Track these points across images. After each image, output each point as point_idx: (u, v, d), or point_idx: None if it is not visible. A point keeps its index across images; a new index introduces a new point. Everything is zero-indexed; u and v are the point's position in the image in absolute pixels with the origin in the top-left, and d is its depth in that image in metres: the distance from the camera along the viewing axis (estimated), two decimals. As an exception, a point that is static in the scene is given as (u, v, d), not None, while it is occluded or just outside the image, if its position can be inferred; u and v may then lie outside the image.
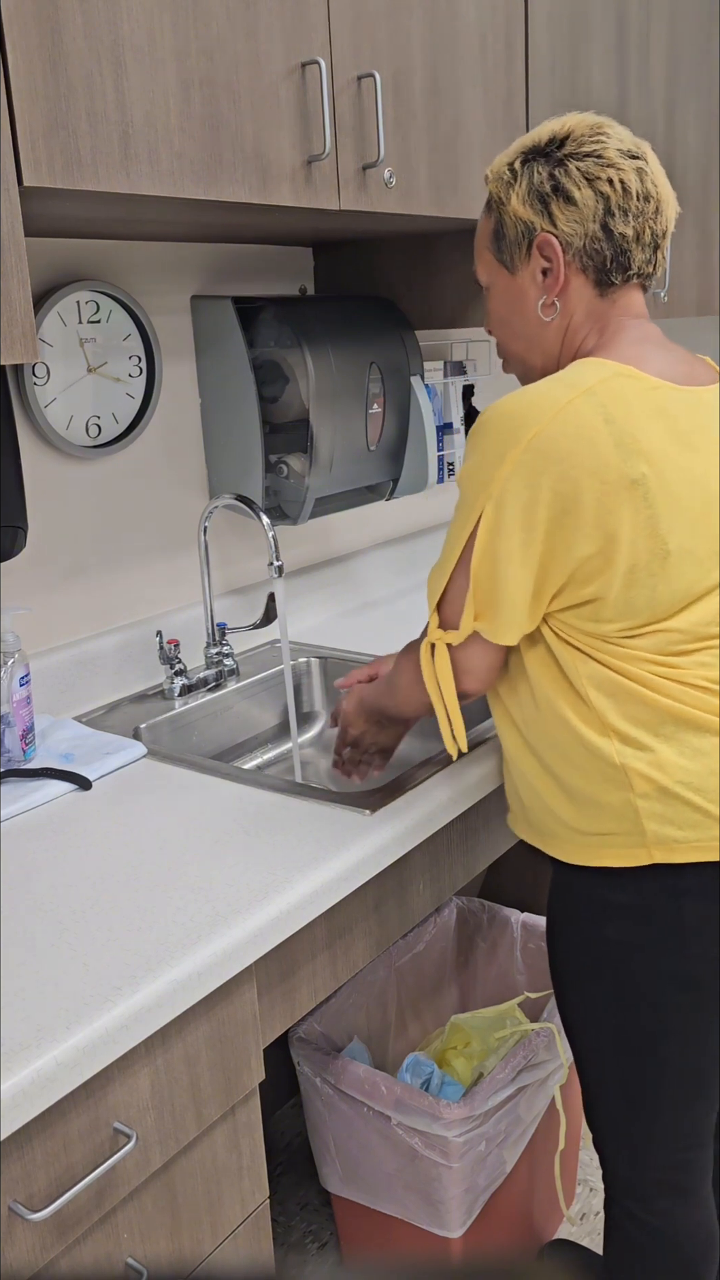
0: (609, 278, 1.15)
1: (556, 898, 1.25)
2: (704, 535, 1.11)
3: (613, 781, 1.14)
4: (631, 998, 1.19)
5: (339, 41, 1.40)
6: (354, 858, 1.17)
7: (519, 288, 1.19)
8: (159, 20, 1.17)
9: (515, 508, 1.07)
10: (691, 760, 1.12)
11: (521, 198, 1.14)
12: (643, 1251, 1.32)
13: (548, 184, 1.13)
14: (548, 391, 1.07)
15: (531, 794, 1.24)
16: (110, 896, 1.10)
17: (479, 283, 1.25)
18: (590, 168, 1.12)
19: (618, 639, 1.12)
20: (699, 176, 2.39)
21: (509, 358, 1.26)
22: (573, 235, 1.13)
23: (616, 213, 1.12)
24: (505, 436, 1.07)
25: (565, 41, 1.86)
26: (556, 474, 1.05)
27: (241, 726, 1.78)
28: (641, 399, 1.08)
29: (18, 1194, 0.89)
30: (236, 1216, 1.13)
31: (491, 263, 1.21)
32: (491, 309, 1.25)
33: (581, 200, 1.12)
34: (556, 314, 1.18)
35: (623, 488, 1.05)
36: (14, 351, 1.07)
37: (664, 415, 1.09)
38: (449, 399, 2.28)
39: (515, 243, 1.17)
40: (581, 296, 1.16)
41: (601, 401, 1.06)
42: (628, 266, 1.15)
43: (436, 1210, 1.51)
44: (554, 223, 1.13)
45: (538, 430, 1.05)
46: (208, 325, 1.77)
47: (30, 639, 1.62)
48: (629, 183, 1.12)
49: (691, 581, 1.11)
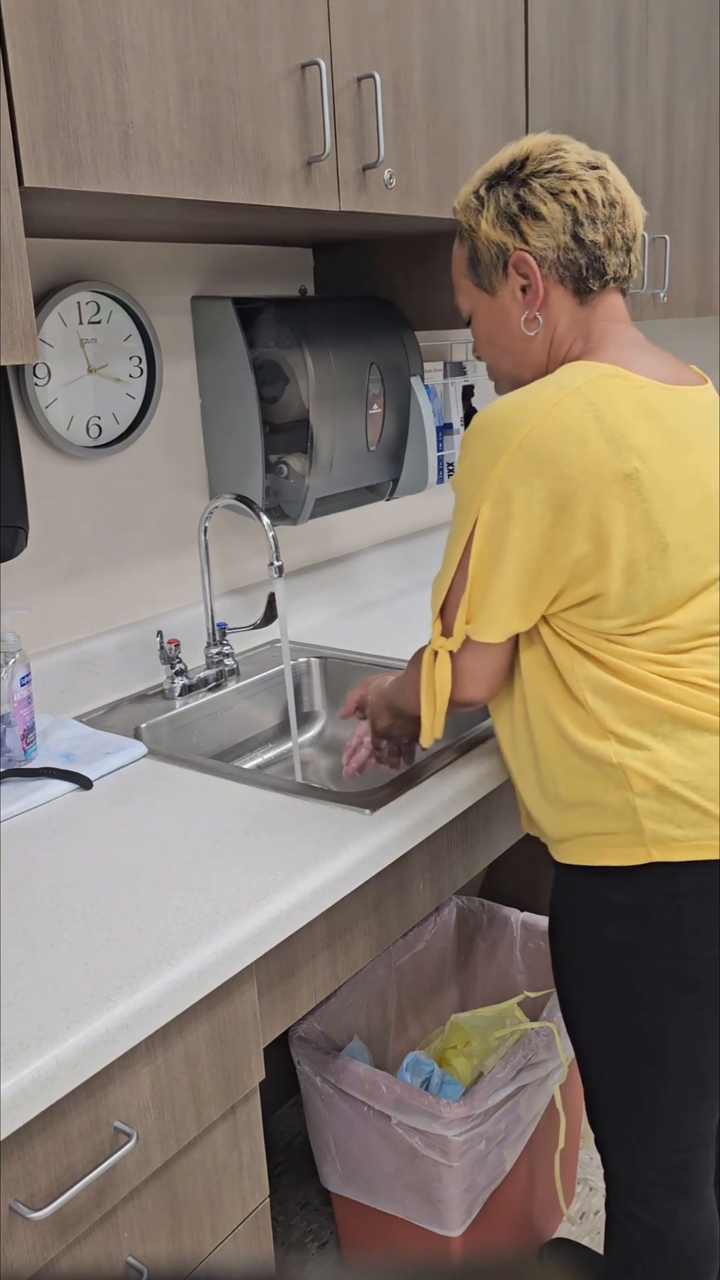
0: (587, 285, 1.18)
1: (558, 898, 1.26)
2: (701, 531, 1.12)
3: (611, 781, 1.14)
4: (632, 998, 1.19)
5: (339, 42, 1.40)
6: (354, 857, 1.17)
7: (501, 308, 1.21)
8: (159, 20, 1.17)
9: (511, 507, 1.08)
10: (690, 759, 1.13)
11: (491, 221, 1.17)
12: (643, 1251, 1.32)
13: (514, 204, 1.16)
14: (536, 393, 1.09)
15: (522, 794, 1.25)
16: (110, 896, 1.10)
17: (461, 313, 1.28)
18: (553, 183, 1.14)
19: (619, 637, 1.13)
20: (699, 176, 2.39)
21: (500, 378, 1.29)
22: (545, 249, 1.15)
23: (585, 222, 1.14)
24: (497, 439, 1.08)
25: (565, 42, 1.87)
26: (550, 473, 1.06)
27: (242, 726, 1.78)
28: (629, 397, 1.10)
29: (18, 1193, 0.89)
30: (237, 1216, 1.13)
31: (470, 289, 1.24)
32: (477, 334, 1.27)
33: (549, 215, 1.14)
34: (540, 327, 1.20)
35: (616, 483, 1.06)
36: (15, 352, 1.07)
37: (652, 413, 1.10)
38: (449, 399, 2.28)
39: (491, 265, 1.19)
40: (562, 307, 1.19)
41: (590, 400, 1.08)
42: (604, 272, 1.17)
43: (436, 1209, 1.51)
44: (525, 240, 1.16)
45: (528, 431, 1.06)
46: (208, 326, 1.77)
47: (31, 639, 1.62)
48: (593, 192, 1.14)
49: (690, 576, 1.12)
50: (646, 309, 2.29)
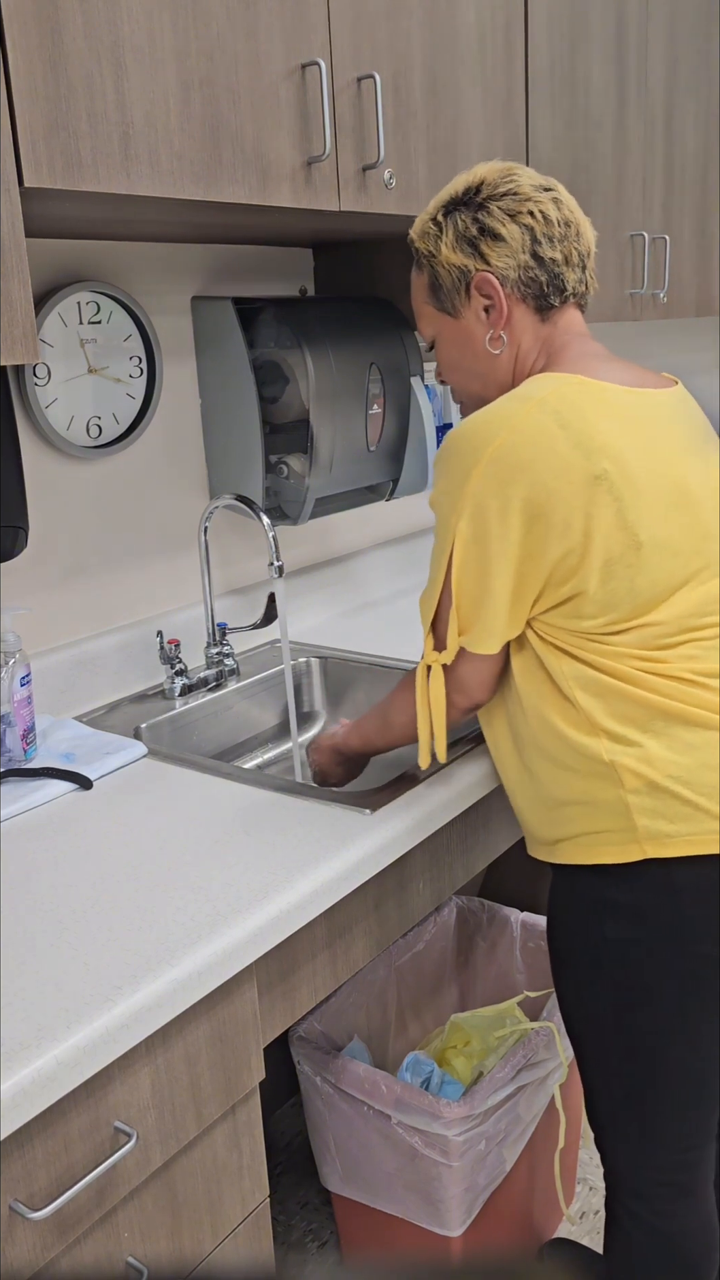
0: (548, 301, 1.20)
1: (555, 898, 1.26)
2: (678, 527, 1.14)
3: (604, 779, 1.15)
4: (631, 996, 1.20)
5: (339, 42, 1.40)
6: (354, 857, 1.17)
7: (465, 330, 1.24)
8: (159, 20, 1.17)
9: (486, 519, 1.10)
10: (681, 754, 1.13)
11: (451, 245, 1.19)
12: (644, 1251, 1.32)
13: (473, 228, 1.18)
14: (501, 408, 1.12)
15: (517, 801, 1.26)
16: (110, 896, 1.10)
17: (423, 340, 1.29)
18: (510, 205, 1.18)
19: (601, 636, 1.14)
20: (699, 176, 2.40)
21: (466, 400, 1.31)
22: (507, 269, 1.18)
23: (543, 240, 1.18)
24: (467, 455, 1.11)
25: (565, 42, 1.87)
26: (523, 482, 1.08)
27: (242, 726, 1.78)
28: (592, 400, 1.12)
29: (18, 1193, 0.89)
30: (237, 1215, 1.13)
31: (433, 315, 1.26)
32: (441, 358, 1.29)
33: (509, 235, 1.17)
34: (505, 345, 1.22)
35: (586, 485, 1.08)
36: (15, 352, 1.07)
37: (616, 415, 1.12)
38: (449, 399, 2.28)
39: (453, 289, 1.22)
40: (525, 324, 1.21)
41: (554, 408, 1.10)
42: (563, 288, 1.21)
43: (436, 1209, 1.51)
44: (487, 261, 1.18)
45: (498, 444, 1.09)
46: (208, 326, 1.77)
47: (31, 639, 1.62)
48: (548, 212, 1.18)
49: (669, 573, 1.13)
50: (646, 309, 2.29)
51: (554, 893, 1.26)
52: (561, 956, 1.27)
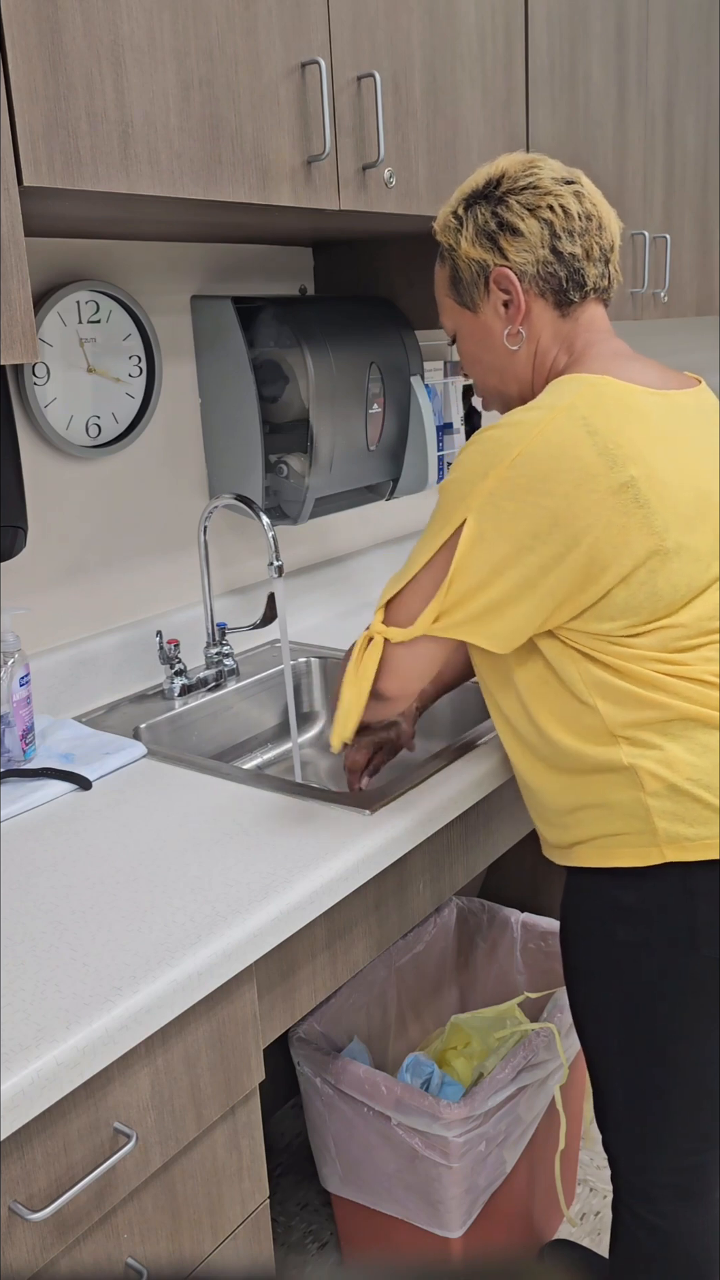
0: (568, 297, 1.19)
1: (569, 900, 1.26)
2: (702, 531, 1.13)
3: (623, 782, 1.14)
4: (642, 1000, 1.19)
5: (339, 41, 1.40)
6: (354, 858, 1.17)
7: (484, 325, 1.23)
8: (159, 20, 1.17)
9: (501, 521, 1.08)
10: (701, 757, 1.13)
11: (470, 240, 1.19)
12: (649, 1254, 1.32)
13: (492, 222, 1.17)
14: (528, 415, 1.10)
15: (532, 807, 1.26)
16: (110, 897, 1.10)
17: (446, 332, 1.29)
18: (529, 199, 1.16)
19: (621, 639, 1.13)
20: (699, 176, 2.40)
21: (487, 394, 1.30)
22: (525, 264, 1.17)
23: (563, 235, 1.16)
24: (490, 455, 1.09)
25: (565, 42, 1.86)
26: (543, 490, 1.07)
27: (241, 726, 1.78)
28: (620, 404, 1.10)
29: (18, 1194, 0.89)
30: (236, 1217, 1.13)
31: (453, 308, 1.25)
32: (462, 351, 1.28)
33: (527, 230, 1.16)
34: (523, 341, 1.21)
35: (610, 494, 1.07)
36: (14, 351, 1.07)
37: (644, 419, 1.11)
38: (449, 399, 2.28)
39: (472, 283, 1.21)
40: (544, 320, 1.20)
41: (582, 414, 1.08)
42: (583, 283, 1.19)
43: (436, 1210, 1.51)
44: (505, 255, 1.17)
45: (521, 449, 1.07)
46: (208, 325, 1.77)
47: (30, 639, 1.62)
48: (569, 206, 1.16)
49: (692, 576, 1.12)
50: (646, 309, 2.29)
51: (567, 895, 1.26)
52: (573, 958, 1.26)
